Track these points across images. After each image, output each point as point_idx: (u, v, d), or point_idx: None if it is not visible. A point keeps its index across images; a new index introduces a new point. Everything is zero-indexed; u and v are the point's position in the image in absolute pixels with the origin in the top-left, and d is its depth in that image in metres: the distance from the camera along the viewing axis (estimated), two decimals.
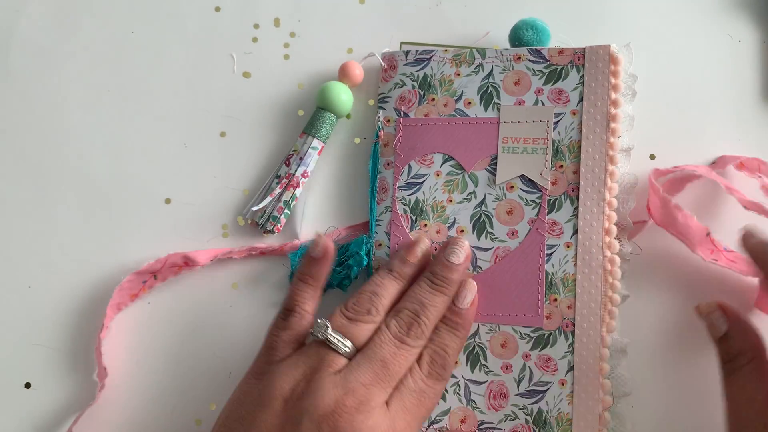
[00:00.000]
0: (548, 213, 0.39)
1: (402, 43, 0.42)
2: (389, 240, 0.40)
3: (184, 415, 0.40)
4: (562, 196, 0.39)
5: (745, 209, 0.39)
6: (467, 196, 0.40)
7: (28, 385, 0.41)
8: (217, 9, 0.44)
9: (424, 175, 0.40)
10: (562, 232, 0.38)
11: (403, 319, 0.36)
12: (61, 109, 0.43)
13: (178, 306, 0.42)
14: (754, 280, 0.40)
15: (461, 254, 0.38)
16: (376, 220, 0.41)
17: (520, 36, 0.41)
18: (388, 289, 0.37)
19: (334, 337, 0.35)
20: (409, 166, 0.41)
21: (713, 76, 0.44)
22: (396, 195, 0.41)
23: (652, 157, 0.43)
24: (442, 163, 0.40)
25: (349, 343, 0.35)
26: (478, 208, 0.40)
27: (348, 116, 0.43)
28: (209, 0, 0.44)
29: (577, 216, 0.38)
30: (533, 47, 0.40)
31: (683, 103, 0.43)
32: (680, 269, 0.41)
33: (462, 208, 0.40)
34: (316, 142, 0.41)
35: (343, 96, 0.41)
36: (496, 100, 0.40)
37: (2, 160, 0.43)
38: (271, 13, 0.44)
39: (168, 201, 0.42)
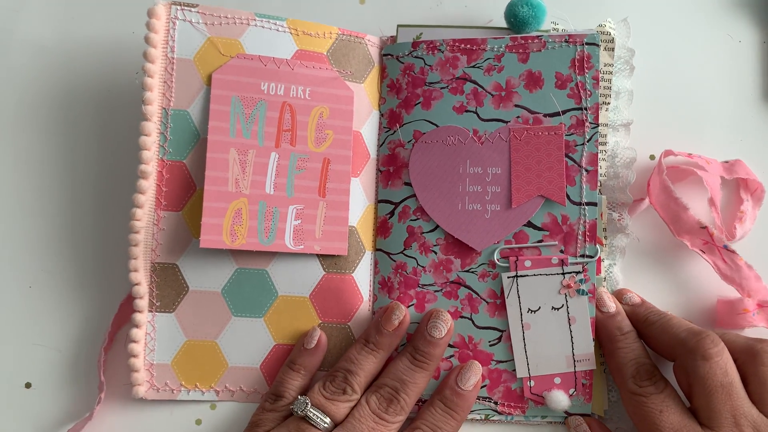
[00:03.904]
0: None
1: (399, 26, 0.42)
2: None
3: (184, 415, 0.40)
4: None
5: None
6: None
7: (28, 385, 0.41)
8: None
9: None
10: None
11: (383, 396, 0.36)
12: (60, 109, 0.43)
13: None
14: (732, 290, 0.40)
15: (443, 328, 0.38)
16: None
17: (515, 12, 0.40)
18: (363, 365, 0.37)
19: (314, 413, 0.35)
20: None
21: (713, 76, 0.44)
22: None
23: (652, 157, 0.43)
24: None
25: (327, 420, 0.36)
26: None
27: None
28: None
29: None
30: None
31: (683, 103, 0.43)
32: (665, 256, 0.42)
33: None
34: None
35: None
36: None
37: (3, 160, 0.43)
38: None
39: None
